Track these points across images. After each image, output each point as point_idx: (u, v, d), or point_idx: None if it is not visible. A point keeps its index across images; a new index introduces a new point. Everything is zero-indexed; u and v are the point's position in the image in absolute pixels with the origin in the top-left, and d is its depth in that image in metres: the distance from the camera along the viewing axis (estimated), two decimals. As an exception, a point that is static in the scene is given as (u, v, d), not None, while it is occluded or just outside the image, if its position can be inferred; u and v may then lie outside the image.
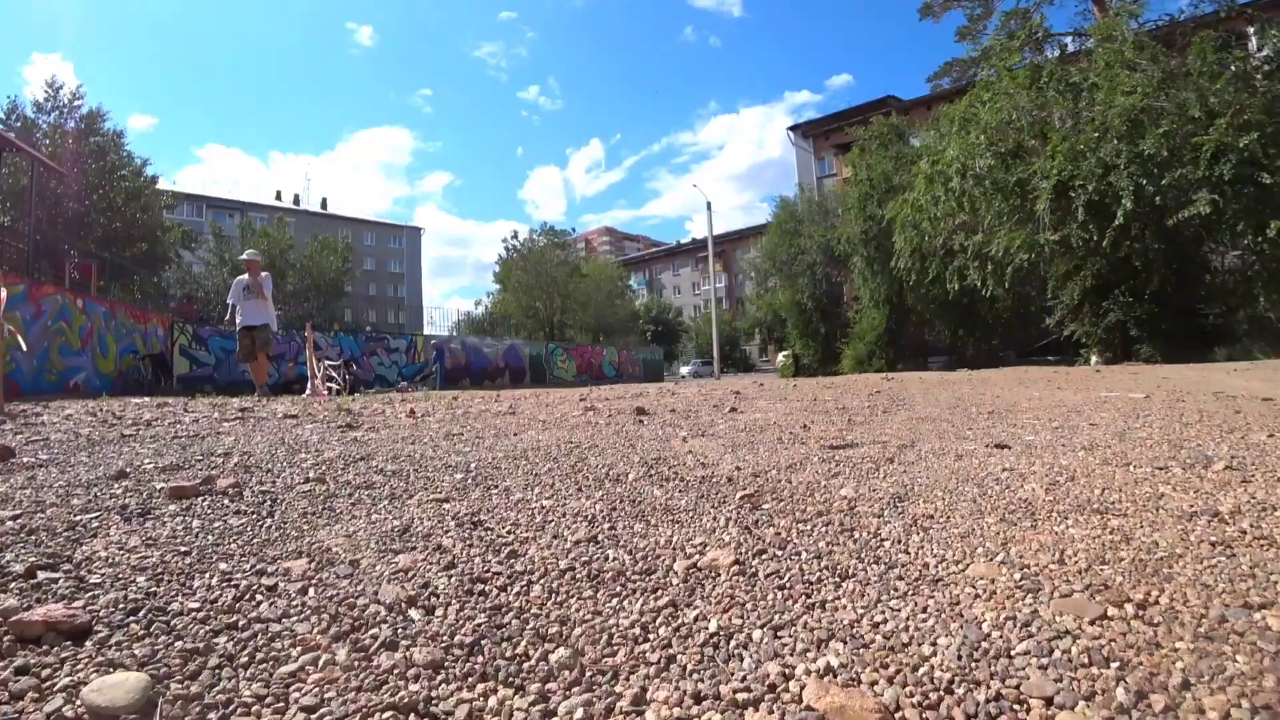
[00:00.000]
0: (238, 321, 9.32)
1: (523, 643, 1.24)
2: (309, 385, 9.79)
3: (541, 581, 1.53)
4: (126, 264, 28.30)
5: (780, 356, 43.81)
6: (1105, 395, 5.30)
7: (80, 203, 26.26)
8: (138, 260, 29.50)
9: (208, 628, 1.27)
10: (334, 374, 16.74)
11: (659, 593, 1.47)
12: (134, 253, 28.97)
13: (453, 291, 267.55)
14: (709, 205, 33.49)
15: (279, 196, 76.40)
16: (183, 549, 1.70)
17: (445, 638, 1.26)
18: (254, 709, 1.03)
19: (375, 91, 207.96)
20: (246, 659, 1.16)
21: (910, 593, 1.43)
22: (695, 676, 1.13)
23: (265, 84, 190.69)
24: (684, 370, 54.78)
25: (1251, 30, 20.10)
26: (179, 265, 39.58)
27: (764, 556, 1.68)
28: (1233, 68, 12.40)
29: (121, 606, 1.34)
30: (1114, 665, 1.09)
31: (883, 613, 1.34)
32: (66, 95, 26.64)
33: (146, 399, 7.91)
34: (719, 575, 1.56)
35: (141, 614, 1.31)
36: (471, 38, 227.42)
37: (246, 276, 9.25)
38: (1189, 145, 11.71)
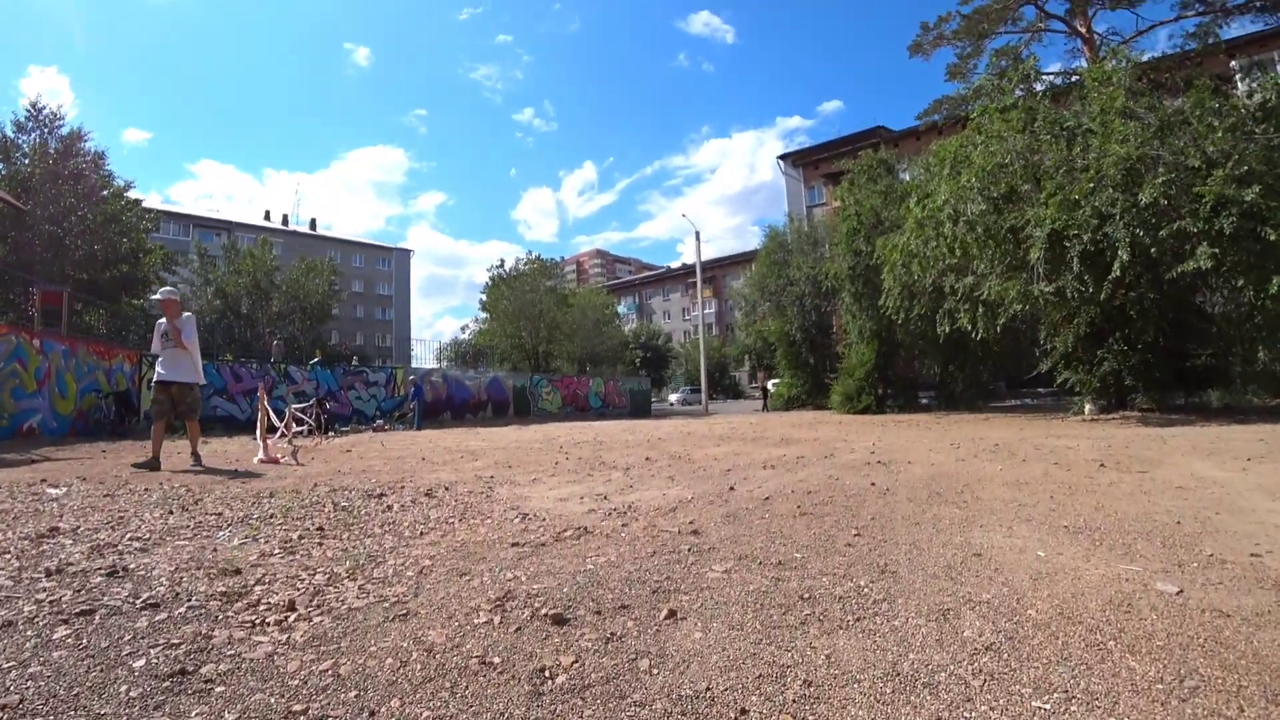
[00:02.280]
0: (156, 374, 7.83)
1: None
2: (260, 443, 9.13)
3: None
4: (101, 288, 27.61)
5: (770, 385, 43.47)
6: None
7: (58, 226, 25.54)
8: (117, 283, 28.88)
9: None
10: (302, 415, 16.19)
11: None
12: (113, 275, 28.34)
13: (444, 311, 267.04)
14: (697, 235, 33.37)
15: (268, 216, 76.00)
16: None
17: None
18: None
19: (370, 111, 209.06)
20: None
21: None
22: None
23: (261, 101, 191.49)
24: (673, 398, 54.44)
25: (1234, 64, 20.14)
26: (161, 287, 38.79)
27: None
28: (1230, 118, 12.16)
29: None
30: None
31: None
32: (48, 115, 26.06)
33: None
34: None
35: None
36: (468, 60, 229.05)
37: (164, 320, 7.58)
38: (1187, 195, 11.43)
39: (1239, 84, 15.96)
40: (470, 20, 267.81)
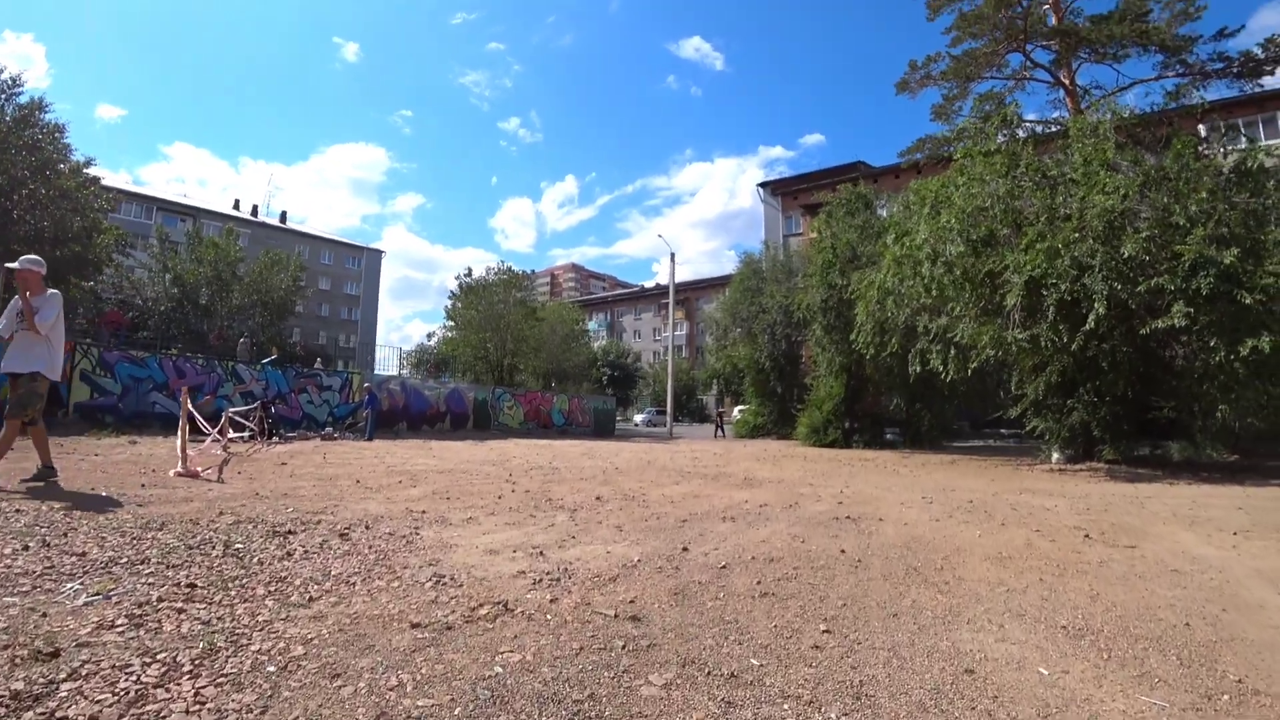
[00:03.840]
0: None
1: None
2: (179, 454, 8.35)
3: None
4: (49, 268, 26.24)
5: (737, 412, 43.15)
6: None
7: (6, 199, 24.24)
8: (67, 264, 27.53)
9: None
10: (243, 420, 15.30)
11: None
12: (63, 255, 27.00)
13: (415, 315, 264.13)
14: (672, 256, 32.92)
15: (237, 205, 74.03)
16: None
17: None
18: None
19: (355, 107, 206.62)
20: None
21: None
22: None
23: (243, 87, 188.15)
24: (638, 418, 53.95)
25: (1202, 127, 20.40)
26: (116, 270, 37.29)
27: None
28: (1209, 180, 12.08)
29: None
30: None
31: None
32: (6, 80, 24.83)
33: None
34: None
35: None
36: (458, 64, 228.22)
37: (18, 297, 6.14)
38: (1166, 252, 11.26)
39: (1211, 147, 16.01)
40: (463, 25, 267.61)
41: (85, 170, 28.38)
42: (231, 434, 15.17)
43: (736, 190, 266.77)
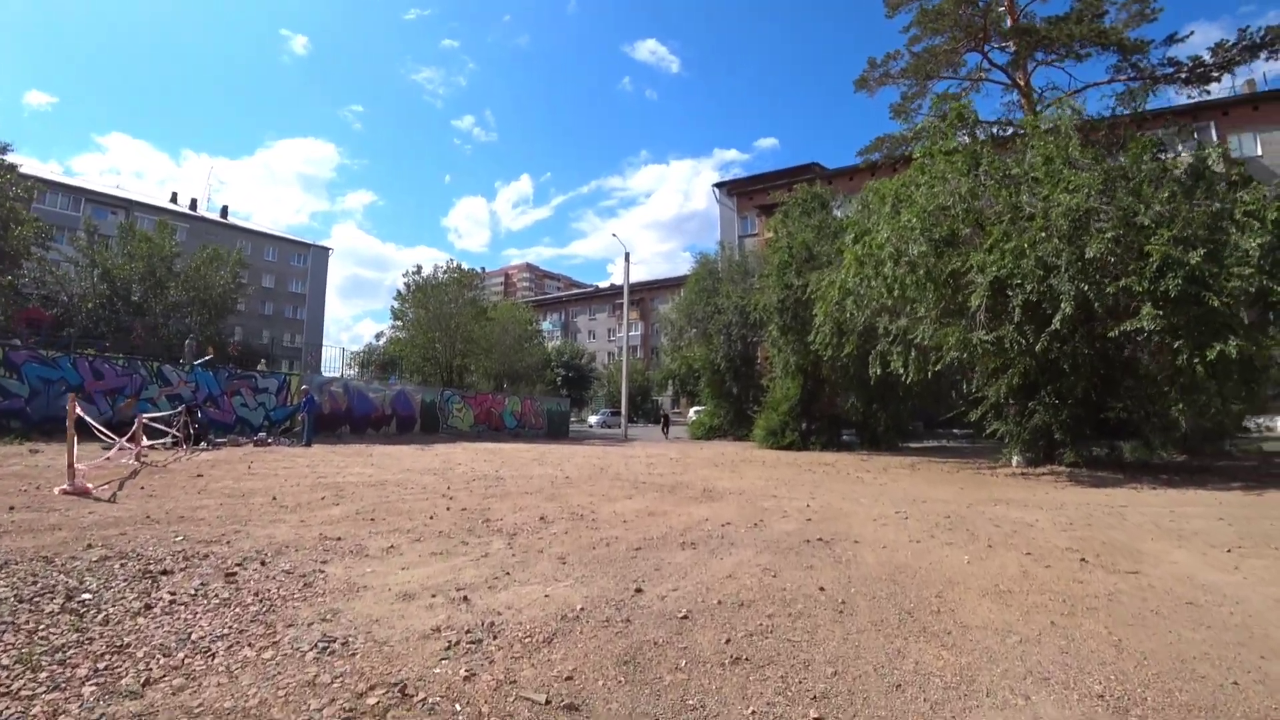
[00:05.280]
0: None
1: None
2: (69, 469, 7.36)
3: None
4: None
5: (692, 413, 42.71)
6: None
7: None
8: None
9: None
10: (162, 426, 14.12)
11: None
12: None
13: (365, 314, 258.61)
14: (627, 256, 32.26)
15: (175, 199, 70.87)
16: None
17: None
18: None
19: (303, 101, 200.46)
20: None
21: None
22: None
23: (185, 77, 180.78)
24: (592, 419, 53.13)
25: (1159, 134, 20.59)
26: (39, 264, 35.09)
27: None
28: (1170, 181, 11.92)
29: None
30: None
31: None
32: None
33: None
34: None
35: None
36: (411, 61, 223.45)
37: None
38: (1132, 252, 11.01)
39: (1166, 150, 15.99)
40: (417, 21, 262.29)
41: (1, 157, 26.45)
42: (148, 441, 14.00)
43: (691, 192, 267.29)
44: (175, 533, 5.19)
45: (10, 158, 28.60)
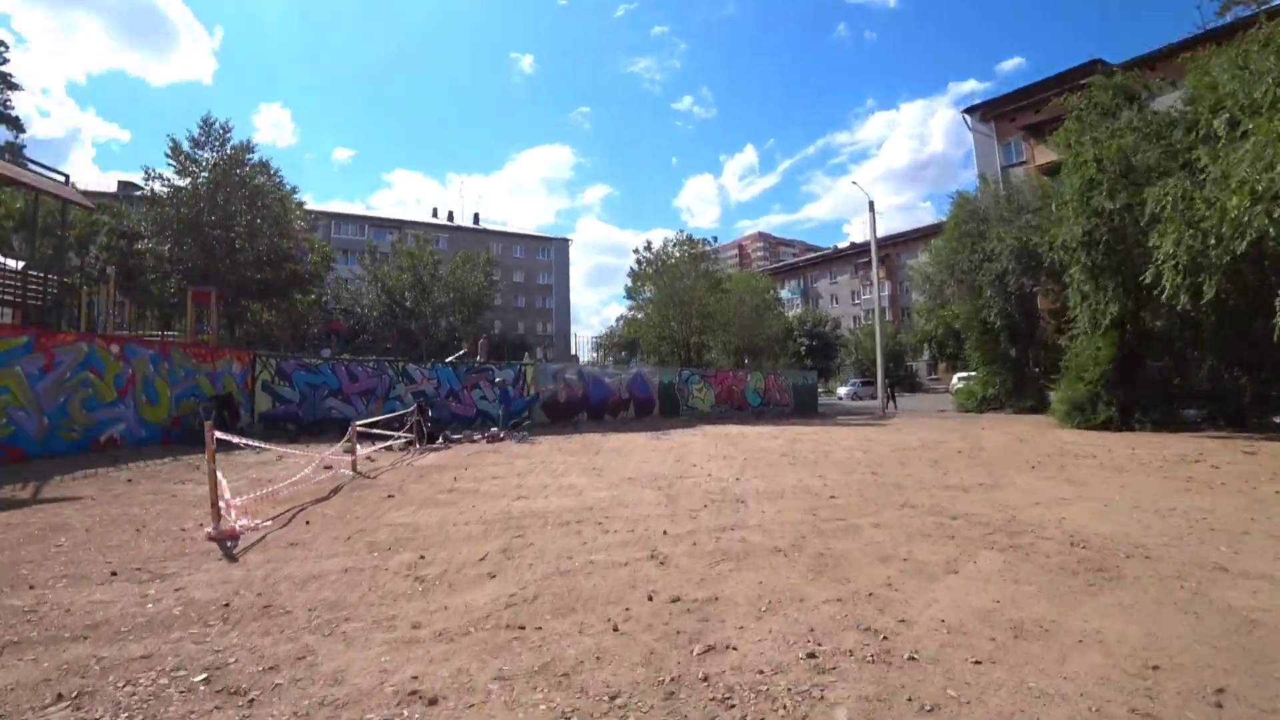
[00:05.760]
0: None
1: None
2: (214, 510, 6.45)
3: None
4: (272, 286, 28.35)
5: (956, 380, 37.36)
6: None
7: (227, 231, 26.53)
8: (287, 282, 29.86)
9: None
10: (385, 432, 13.96)
11: None
12: (286, 274, 29.39)
13: (611, 298, 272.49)
14: (871, 205, 28.26)
15: (435, 213, 78.54)
16: None
17: None
18: None
19: (537, 113, 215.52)
20: None
21: None
22: None
23: (442, 113, 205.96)
24: (841, 391, 49.09)
25: None
26: (336, 283, 40.69)
27: None
28: None
29: None
30: None
31: None
32: (219, 129, 27.07)
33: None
34: None
35: None
36: (626, 54, 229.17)
37: None
38: None
39: None
40: (626, 16, 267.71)
41: (291, 197, 29.94)
42: (378, 444, 13.92)
43: (927, 135, 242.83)
44: (220, 646, 3.59)
45: (298, 198, 32.01)
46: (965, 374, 34.35)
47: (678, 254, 30.05)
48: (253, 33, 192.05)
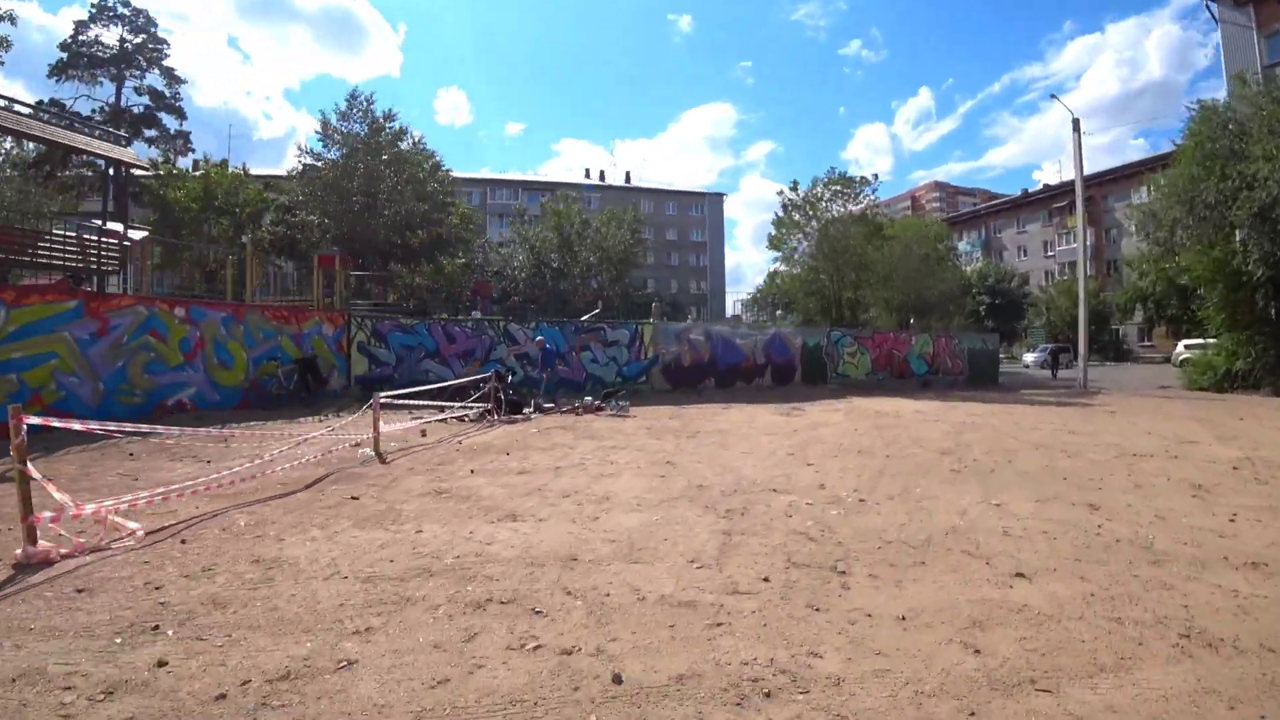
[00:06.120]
0: None
1: None
2: (28, 531, 4.28)
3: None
4: (413, 250, 28.76)
5: (1180, 348, 30.37)
6: None
7: (367, 196, 27.52)
8: (431, 246, 30.97)
9: None
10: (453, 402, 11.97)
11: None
12: (430, 237, 30.51)
13: (775, 257, 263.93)
14: (1075, 123, 22.55)
15: (587, 174, 77.82)
16: None
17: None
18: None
19: (698, 72, 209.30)
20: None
21: None
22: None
23: (605, 81, 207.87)
24: (1028, 358, 42.03)
25: None
26: (487, 245, 41.38)
27: None
28: None
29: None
30: None
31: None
32: (362, 100, 28.61)
33: None
34: None
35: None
36: (787, 3, 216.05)
37: None
38: None
39: None
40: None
41: (433, 161, 31.19)
42: (447, 413, 12.16)
43: (1139, 60, 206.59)
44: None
45: (441, 162, 32.09)
46: (1194, 341, 27.59)
47: (828, 195, 25.87)
48: (431, 24, 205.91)
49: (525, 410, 13.76)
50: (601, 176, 76.35)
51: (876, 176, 26.11)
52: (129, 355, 11.94)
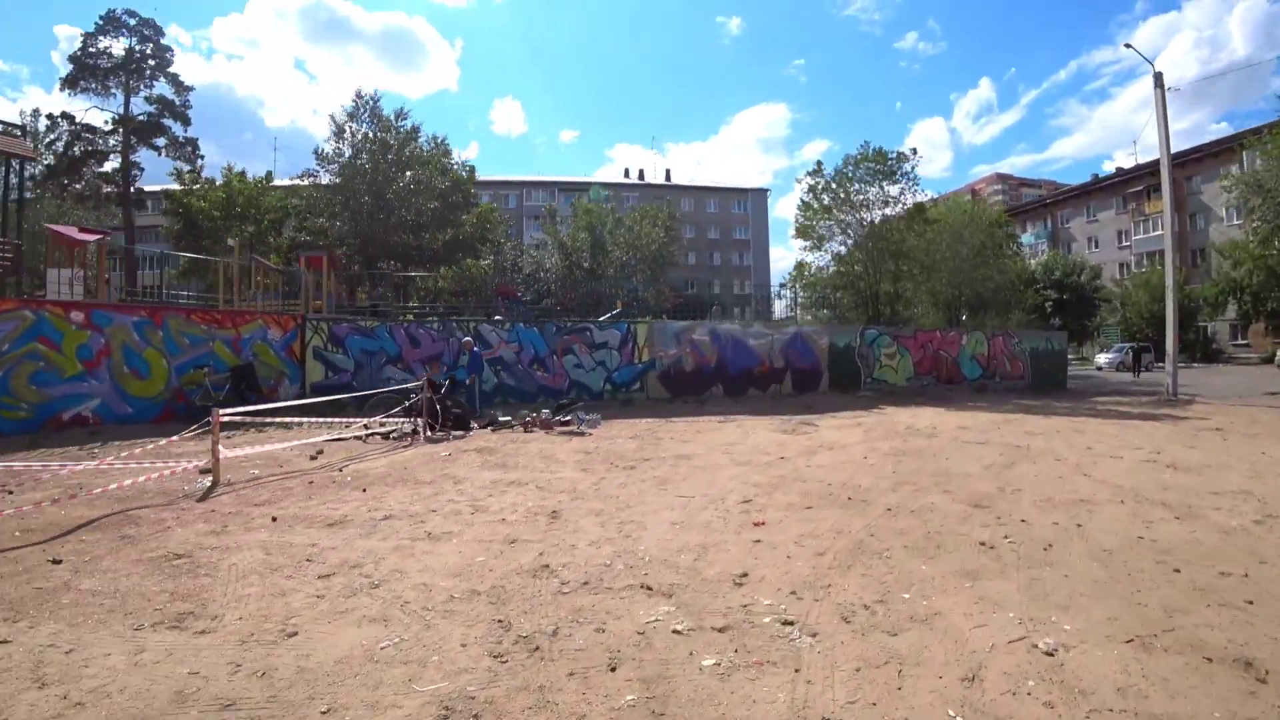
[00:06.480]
0: None
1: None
2: None
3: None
4: (428, 252, 27.67)
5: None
6: None
7: (376, 198, 26.96)
8: (453, 247, 29.87)
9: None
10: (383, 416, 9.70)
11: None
12: (452, 239, 29.77)
13: (806, 245, 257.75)
14: (1157, 78, 19.00)
15: (626, 173, 75.85)
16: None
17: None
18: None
19: (750, 74, 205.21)
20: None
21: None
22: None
23: (655, 86, 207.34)
24: (1101, 360, 37.70)
25: None
26: (514, 247, 40.07)
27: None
28: None
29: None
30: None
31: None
32: (367, 100, 28.21)
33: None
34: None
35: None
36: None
37: None
38: None
39: None
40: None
41: (455, 164, 31.34)
42: (378, 429, 10.15)
43: (1220, 38, 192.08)
44: None
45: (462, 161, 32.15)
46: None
47: (859, 173, 22.80)
48: (486, 37, 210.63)
49: (473, 424, 11.53)
50: (641, 175, 74.22)
51: (915, 151, 22.86)
52: (12, 365, 11.00)
